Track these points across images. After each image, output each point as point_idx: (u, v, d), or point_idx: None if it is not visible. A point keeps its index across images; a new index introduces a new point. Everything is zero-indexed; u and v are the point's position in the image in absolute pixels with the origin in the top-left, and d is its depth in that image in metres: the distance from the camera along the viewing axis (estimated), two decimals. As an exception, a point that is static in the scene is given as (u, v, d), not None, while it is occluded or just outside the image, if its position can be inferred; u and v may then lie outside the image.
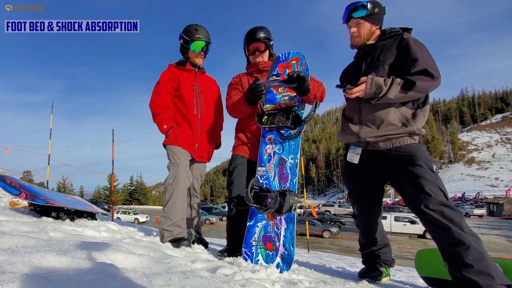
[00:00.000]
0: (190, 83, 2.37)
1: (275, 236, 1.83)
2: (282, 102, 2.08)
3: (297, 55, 2.07)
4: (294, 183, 1.88)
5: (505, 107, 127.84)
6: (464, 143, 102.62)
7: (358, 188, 1.86)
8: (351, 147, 1.83)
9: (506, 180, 73.08)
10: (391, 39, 1.72)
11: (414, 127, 1.60)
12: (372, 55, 1.75)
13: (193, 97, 2.35)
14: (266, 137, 2.05)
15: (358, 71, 1.80)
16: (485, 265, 1.33)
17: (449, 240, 1.40)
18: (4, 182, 2.49)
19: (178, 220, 2.13)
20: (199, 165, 2.48)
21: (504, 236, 21.76)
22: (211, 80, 2.56)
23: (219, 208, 33.64)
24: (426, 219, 1.47)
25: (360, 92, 1.63)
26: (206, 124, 2.40)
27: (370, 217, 1.86)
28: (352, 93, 1.64)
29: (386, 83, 1.58)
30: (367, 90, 1.60)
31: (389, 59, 1.66)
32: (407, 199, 1.56)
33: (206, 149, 2.42)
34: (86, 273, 0.87)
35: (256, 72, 2.27)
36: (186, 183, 2.24)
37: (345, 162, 1.89)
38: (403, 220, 21.58)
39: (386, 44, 1.72)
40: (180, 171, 2.18)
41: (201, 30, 2.34)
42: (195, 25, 2.35)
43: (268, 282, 1.30)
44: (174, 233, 2.10)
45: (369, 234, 1.89)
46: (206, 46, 2.37)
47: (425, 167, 1.51)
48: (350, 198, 1.93)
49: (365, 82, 1.62)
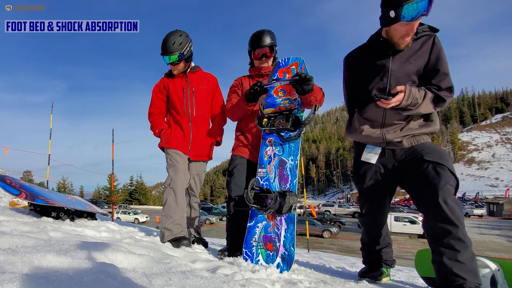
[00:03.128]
0: (180, 86, 2.39)
1: (275, 236, 1.83)
2: (282, 106, 2.10)
3: (296, 60, 2.10)
4: (294, 184, 1.89)
5: (505, 107, 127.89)
6: (464, 143, 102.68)
7: (371, 187, 1.80)
8: (368, 146, 1.78)
9: (506, 180, 73.14)
10: (420, 40, 1.60)
11: (435, 127, 1.67)
12: (401, 54, 1.61)
13: (183, 99, 2.38)
14: (267, 139, 2.07)
15: (381, 67, 1.66)
16: (474, 265, 1.41)
17: (451, 236, 1.41)
18: (4, 182, 2.50)
19: (178, 218, 2.15)
20: (197, 165, 2.48)
21: (504, 236, 21.75)
22: (206, 76, 2.51)
23: (219, 208, 33.66)
24: (439, 213, 1.45)
25: (397, 103, 1.55)
26: (199, 123, 2.41)
27: (380, 217, 1.84)
28: (389, 104, 1.56)
29: (421, 95, 1.54)
30: (404, 102, 1.54)
31: (420, 64, 1.59)
32: (423, 192, 1.53)
33: (201, 147, 2.42)
34: (86, 273, 0.87)
35: (258, 76, 2.29)
36: (184, 183, 2.28)
37: (358, 161, 1.83)
38: (403, 220, 21.58)
39: (415, 44, 1.60)
40: (177, 172, 2.23)
41: (167, 43, 2.27)
42: (166, 36, 2.30)
43: (268, 282, 1.30)
44: (174, 232, 2.11)
45: (375, 233, 1.87)
46: (174, 58, 2.31)
47: (448, 165, 1.52)
48: (361, 198, 1.88)
49: (403, 92, 1.53)
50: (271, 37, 2.23)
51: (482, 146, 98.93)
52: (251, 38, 2.27)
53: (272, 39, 2.23)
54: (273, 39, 2.24)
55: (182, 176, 2.24)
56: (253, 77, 2.32)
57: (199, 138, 2.40)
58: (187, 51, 2.33)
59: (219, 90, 2.57)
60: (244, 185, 2.09)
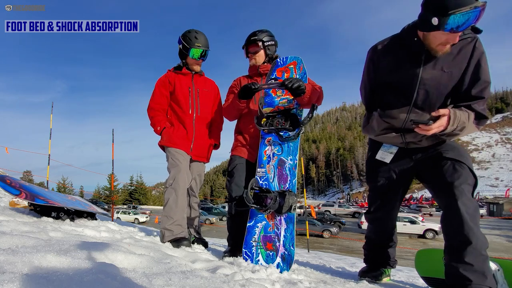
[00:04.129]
0: (187, 85, 2.39)
1: (275, 236, 1.83)
2: (280, 105, 2.10)
3: (294, 60, 2.10)
4: (293, 183, 1.89)
5: (505, 107, 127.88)
6: (464, 143, 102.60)
7: (384, 186, 1.76)
8: (384, 145, 1.73)
9: (506, 180, 73.11)
10: (458, 44, 1.40)
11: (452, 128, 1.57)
12: (435, 61, 1.43)
13: (189, 97, 2.37)
14: (266, 139, 2.06)
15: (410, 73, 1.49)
16: (483, 267, 1.36)
17: (461, 235, 1.39)
18: (4, 182, 2.50)
19: (179, 219, 2.14)
20: (198, 165, 2.48)
21: (504, 236, 21.74)
22: (210, 81, 2.56)
23: (219, 208, 33.64)
24: (453, 211, 1.42)
25: (440, 128, 1.39)
26: (202, 124, 2.41)
27: (391, 216, 1.82)
28: (430, 130, 1.40)
29: (467, 119, 1.40)
30: (449, 127, 1.39)
31: (456, 73, 1.42)
32: (440, 189, 1.51)
33: (202, 148, 2.42)
34: (86, 273, 0.87)
35: (256, 75, 2.29)
36: (186, 183, 2.25)
37: (372, 159, 1.79)
38: (403, 220, 21.56)
39: (454, 51, 1.41)
40: (180, 172, 2.20)
41: (200, 38, 2.34)
42: (195, 31, 2.35)
43: (268, 282, 1.30)
44: (175, 232, 2.10)
45: (383, 232, 1.86)
46: (204, 53, 2.39)
47: (467, 164, 1.49)
48: (374, 196, 1.83)
49: (447, 116, 1.38)
50: (258, 33, 2.23)
51: (482, 146, 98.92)
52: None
53: (259, 35, 2.22)
54: (261, 35, 2.22)
55: (185, 176, 2.22)
56: (252, 77, 2.32)
57: (201, 138, 2.40)
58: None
59: (219, 96, 2.60)
60: (243, 185, 2.09)
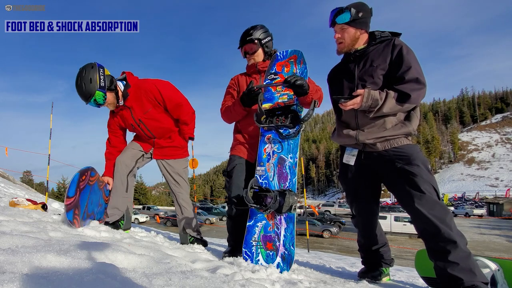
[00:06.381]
0: (128, 122, 2.37)
1: (275, 236, 1.83)
2: (280, 101, 2.06)
3: (295, 53, 2.05)
4: (293, 182, 1.87)
5: (505, 107, 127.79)
6: (464, 143, 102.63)
7: (355, 188, 1.86)
8: (347, 148, 1.85)
9: (506, 180, 73.13)
10: (382, 44, 1.71)
11: (410, 128, 1.65)
12: (364, 60, 1.73)
13: (140, 130, 2.40)
14: (265, 136, 2.03)
15: (350, 75, 1.78)
16: (469, 263, 1.39)
17: (437, 238, 1.44)
18: (80, 177, 1.96)
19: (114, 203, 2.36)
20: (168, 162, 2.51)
21: (504, 236, 21.75)
22: (143, 94, 2.23)
23: (219, 208, 33.67)
24: (418, 217, 1.50)
25: (354, 105, 1.63)
26: (161, 139, 2.48)
27: (368, 217, 1.87)
28: (346, 106, 1.64)
29: (381, 97, 1.58)
30: (363, 104, 1.60)
31: (382, 65, 1.66)
32: (401, 197, 1.58)
33: (165, 149, 2.50)
34: (86, 273, 0.87)
35: (255, 72, 2.22)
36: (123, 168, 2.39)
37: (341, 163, 1.90)
38: (403, 220, 21.55)
39: (378, 49, 1.71)
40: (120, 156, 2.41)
41: (79, 91, 2.03)
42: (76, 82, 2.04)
43: (268, 282, 1.30)
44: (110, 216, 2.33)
45: (368, 233, 1.90)
46: (95, 103, 2.09)
47: (422, 166, 1.53)
48: (348, 199, 1.93)
49: (361, 95, 1.61)
50: (253, 31, 2.13)
51: (482, 146, 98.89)
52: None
53: (254, 34, 2.12)
54: (256, 33, 2.13)
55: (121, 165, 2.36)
56: (250, 75, 2.24)
57: (164, 144, 2.49)
58: (103, 82, 2.05)
59: (166, 92, 2.27)
60: (243, 184, 2.07)
